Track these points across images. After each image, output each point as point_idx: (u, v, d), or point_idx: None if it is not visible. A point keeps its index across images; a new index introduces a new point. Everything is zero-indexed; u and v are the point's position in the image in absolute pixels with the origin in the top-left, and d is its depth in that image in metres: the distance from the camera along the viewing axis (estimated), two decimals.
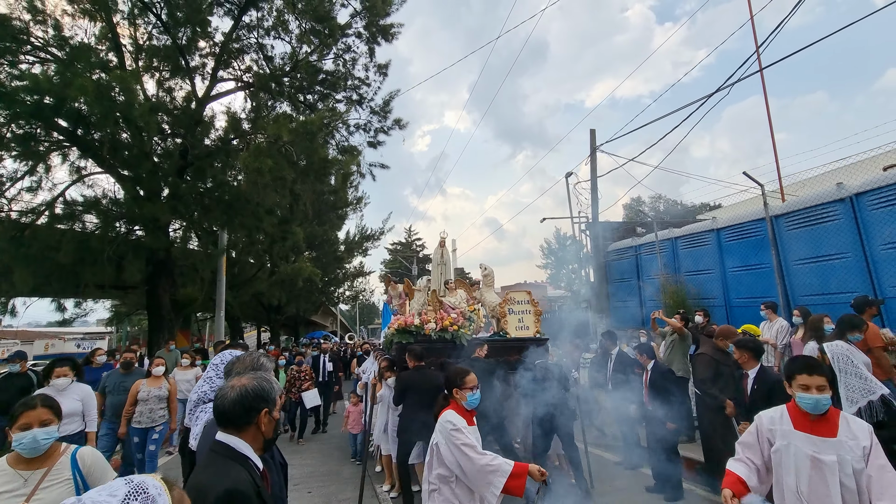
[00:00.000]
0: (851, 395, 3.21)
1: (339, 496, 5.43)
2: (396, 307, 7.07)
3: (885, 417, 3.03)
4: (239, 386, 1.58)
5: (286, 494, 2.08)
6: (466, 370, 2.88)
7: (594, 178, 11.92)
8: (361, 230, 25.09)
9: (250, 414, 1.55)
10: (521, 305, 6.07)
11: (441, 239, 7.04)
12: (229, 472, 1.42)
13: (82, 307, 14.02)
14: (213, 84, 11.33)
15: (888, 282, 6.29)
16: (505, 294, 6.22)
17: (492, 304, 6.11)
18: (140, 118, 7.58)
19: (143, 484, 0.72)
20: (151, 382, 5.62)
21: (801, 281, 7.40)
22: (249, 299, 18.01)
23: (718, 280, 8.90)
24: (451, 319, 5.48)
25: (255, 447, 1.54)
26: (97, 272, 9.32)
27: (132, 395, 5.45)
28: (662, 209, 48.17)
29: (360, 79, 12.69)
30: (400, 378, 4.85)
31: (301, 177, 10.09)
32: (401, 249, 55.16)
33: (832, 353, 3.40)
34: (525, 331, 5.93)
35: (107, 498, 0.67)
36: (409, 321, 5.51)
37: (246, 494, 1.38)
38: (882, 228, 6.36)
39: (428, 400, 4.53)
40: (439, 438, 2.67)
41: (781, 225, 7.67)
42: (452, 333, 5.41)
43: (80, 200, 9.89)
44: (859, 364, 3.30)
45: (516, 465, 2.50)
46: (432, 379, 4.84)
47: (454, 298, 6.19)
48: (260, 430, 1.58)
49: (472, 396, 2.79)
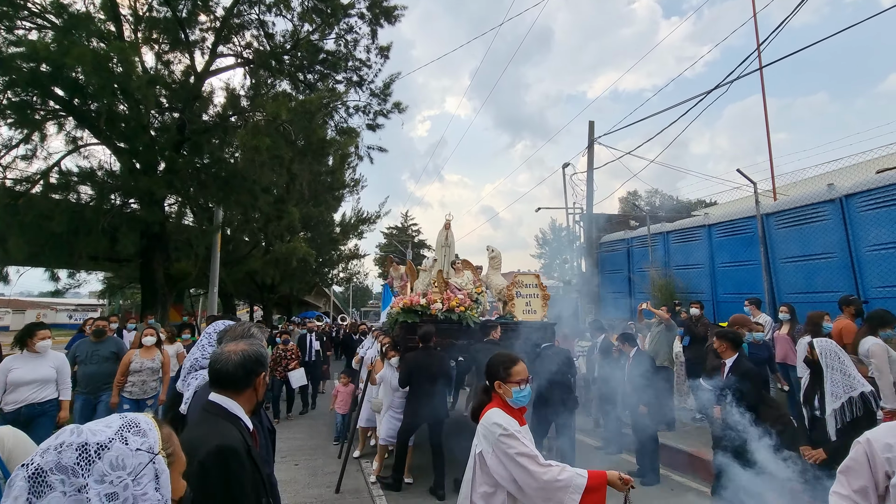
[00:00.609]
0: (835, 391, 3.24)
1: (326, 469, 5.59)
2: (398, 289, 6.97)
3: (861, 414, 3.14)
4: (240, 350, 1.66)
5: (273, 459, 2.18)
6: (514, 358, 2.28)
7: (590, 169, 11.97)
8: (358, 213, 25.06)
9: (250, 377, 1.65)
10: (529, 289, 5.95)
11: (446, 221, 6.89)
12: (221, 430, 1.50)
13: (76, 278, 14.05)
14: (212, 59, 11.19)
15: (872, 283, 6.44)
16: (513, 276, 6.09)
17: (499, 286, 6.00)
18: (138, 90, 7.52)
19: (136, 419, 0.79)
20: (144, 353, 5.51)
21: (787, 279, 7.55)
22: (243, 277, 18.03)
23: (707, 275, 9.06)
24: (457, 300, 5.39)
25: (247, 409, 1.63)
26: (91, 243, 9.31)
27: (124, 364, 5.35)
28: (658, 204, 48.35)
29: (361, 60, 12.58)
30: (406, 359, 4.73)
31: (298, 156, 10.07)
32: (397, 234, 55.14)
33: (821, 348, 3.41)
34: (532, 315, 5.83)
35: (103, 428, 0.74)
36: (414, 300, 5.39)
37: (237, 450, 1.46)
38: (869, 230, 6.49)
39: (435, 382, 4.63)
40: (484, 446, 2.09)
41: (771, 223, 7.79)
42: (459, 314, 5.32)
43: (76, 171, 9.85)
44: (846, 361, 3.37)
45: (591, 476, 1.93)
46: (440, 360, 4.76)
47: (461, 279, 6.02)
48: (255, 393, 1.68)
49: (520, 393, 2.17)
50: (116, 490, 0.70)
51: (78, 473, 0.68)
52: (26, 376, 4.25)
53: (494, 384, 2.24)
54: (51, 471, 0.68)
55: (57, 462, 0.69)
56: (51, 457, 0.69)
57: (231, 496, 1.41)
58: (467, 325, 5.31)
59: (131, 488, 0.71)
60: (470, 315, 5.35)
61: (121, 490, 0.70)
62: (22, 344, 4.39)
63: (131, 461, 0.73)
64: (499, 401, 2.21)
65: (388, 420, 5.05)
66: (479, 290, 5.99)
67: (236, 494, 1.42)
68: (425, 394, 4.56)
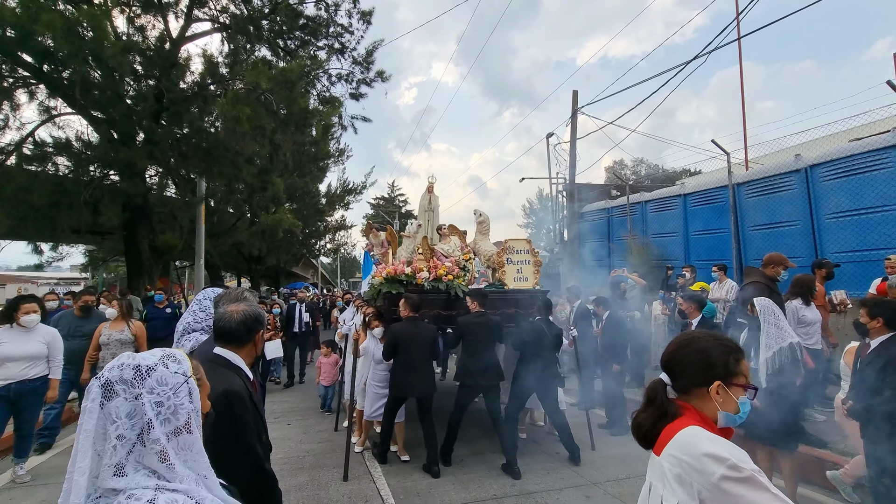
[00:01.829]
0: (769, 342, 3.66)
1: (317, 427, 5.93)
2: (378, 256, 6.67)
3: (788, 361, 3.55)
4: (241, 310, 1.90)
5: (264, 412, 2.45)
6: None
7: (573, 140, 12.10)
8: (343, 183, 24.92)
9: (251, 333, 1.89)
10: (519, 255, 5.63)
11: (429, 184, 6.51)
12: (227, 377, 1.74)
13: (58, 251, 13.94)
14: (188, 24, 10.84)
15: (830, 248, 6.84)
16: (503, 242, 5.76)
17: (488, 253, 5.69)
18: (112, 58, 7.34)
19: (173, 352, 1.05)
20: (113, 325, 5.19)
21: (754, 245, 7.94)
22: (229, 249, 18.05)
23: (681, 243, 9.43)
24: (445, 268, 5.09)
25: (247, 361, 1.89)
26: (73, 216, 9.26)
27: (95, 338, 5.11)
28: (644, 173, 48.73)
29: (342, 26, 12.27)
30: (392, 331, 4.49)
31: (281, 126, 9.98)
32: (384, 204, 54.85)
33: (760, 306, 3.84)
34: (524, 282, 5.56)
35: (150, 356, 0.99)
36: (399, 269, 5.08)
37: (241, 394, 1.72)
38: (830, 199, 6.83)
39: (421, 355, 4.46)
40: (678, 494, 1.21)
41: (742, 192, 8.11)
42: (447, 284, 5.02)
43: (51, 142, 9.65)
44: (780, 316, 3.77)
45: None
46: (427, 332, 4.54)
47: (447, 246, 5.61)
48: (255, 347, 1.93)
49: (747, 405, 1.33)
50: (161, 399, 0.95)
51: (135, 385, 0.93)
52: (15, 352, 4.10)
53: (712, 382, 1.30)
54: (116, 381, 0.93)
55: (120, 376, 0.93)
56: (115, 372, 0.94)
57: (237, 432, 1.67)
58: (455, 295, 5.04)
59: (172, 399, 0.96)
60: (458, 284, 5.07)
61: (165, 399, 0.95)
62: (9, 318, 4.18)
63: (172, 380, 0.98)
64: (695, 415, 1.30)
65: (371, 395, 4.86)
66: (466, 258, 5.65)
67: (242, 430, 1.68)
68: (411, 367, 4.40)
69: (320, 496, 3.98)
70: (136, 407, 0.91)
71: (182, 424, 0.95)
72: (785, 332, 3.65)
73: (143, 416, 0.90)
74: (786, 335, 3.63)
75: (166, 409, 0.94)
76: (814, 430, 4.76)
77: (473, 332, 4.55)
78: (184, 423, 0.96)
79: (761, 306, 3.83)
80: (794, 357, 3.52)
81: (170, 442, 0.92)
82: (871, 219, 6.29)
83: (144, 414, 0.90)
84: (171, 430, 0.93)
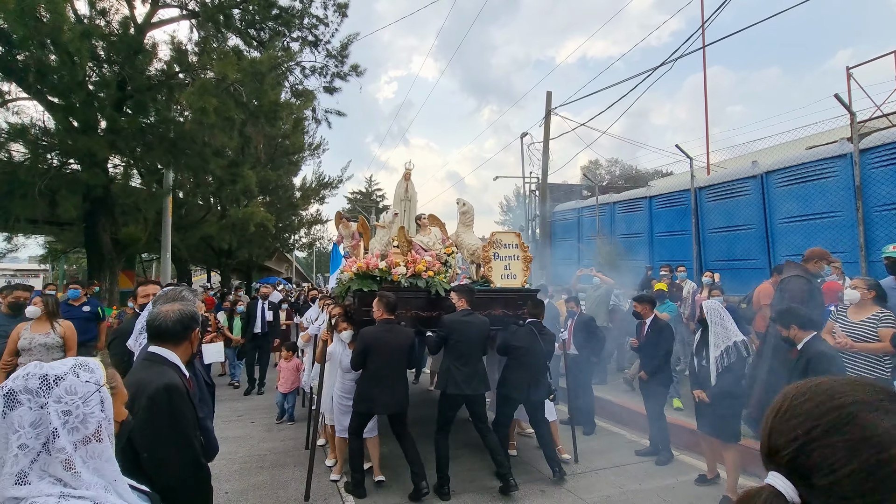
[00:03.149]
0: (716, 341, 3.90)
1: (281, 426, 5.89)
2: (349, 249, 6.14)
3: (735, 359, 3.77)
4: (177, 309, 1.94)
5: (213, 408, 2.46)
6: None
7: (546, 140, 12.27)
8: (319, 177, 24.57)
9: (186, 331, 1.93)
10: (508, 249, 5.10)
11: (406, 170, 6.05)
12: (165, 373, 1.78)
13: (12, 242, 13.32)
14: (154, 9, 10.47)
15: (781, 252, 7.17)
16: (490, 235, 5.23)
17: (472, 246, 5.09)
18: (70, 43, 7.05)
19: (86, 360, 1.06)
20: (36, 327, 4.36)
21: (713, 247, 8.26)
22: (198, 242, 17.59)
23: (646, 243, 9.72)
24: (425, 263, 4.56)
25: (183, 359, 1.92)
26: (27, 206, 8.87)
27: (11, 341, 4.27)
28: (618, 173, 49.82)
29: (317, 17, 12.07)
30: (363, 336, 3.88)
31: (251, 119, 9.78)
32: (361, 199, 54.36)
33: (707, 308, 4.06)
34: (512, 280, 5.02)
35: (60, 365, 0.99)
36: (372, 264, 4.50)
37: (180, 388, 1.76)
38: (783, 204, 7.16)
39: (396, 363, 3.90)
40: None
41: (703, 196, 8.41)
42: (427, 280, 4.48)
43: (5, 127, 9.19)
44: (725, 317, 3.99)
45: None
46: (402, 337, 3.95)
47: (427, 238, 5.08)
48: (191, 345, 1.97)
49: None
50: (70, 408, 0.95)
51: (41, 395, 0.93)
52: None
53: None
54: (20, 391, 0.92)
55: (24, 385, 0.93)
56: (20, 382, 0.94)
57: (176, 424, 1.71)
58: (437, 294, 4.47)
59: (81, 408, 0.97)
60: (439, 281, 4.53)
61: (73, 408, 0.96)
62: None
63: (82, 389, 0.98)
64: None
65: (339, 407, 4.24)
66: (449, 251, 5.14)
67: (181, 422, 1.72)
68: (382, 378, 3.82)
69: (279, 495, 3.98)
70: (42, 416, 0.91)
71: (91, 433, 0.96)
72: (730, 332, 3.88)
73: (49, 425, 0.91)
74: (731, 334, 3.87)
75: (74, 417, 0.94)
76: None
77: (461, 332, 4.03)
78: (93, 431, 0.97)
79: (707, 308, 4.04)
80: (740, 354, 3.75)
81: (77, 450, 0.93)
82: (819, 224, 6.63)
83: (50, 423, 0.91)
84: (80, 438, 0.94)
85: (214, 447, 2.22)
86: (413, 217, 5.92)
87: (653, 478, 4.29)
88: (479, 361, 4.16)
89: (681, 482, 4.18)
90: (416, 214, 5.68)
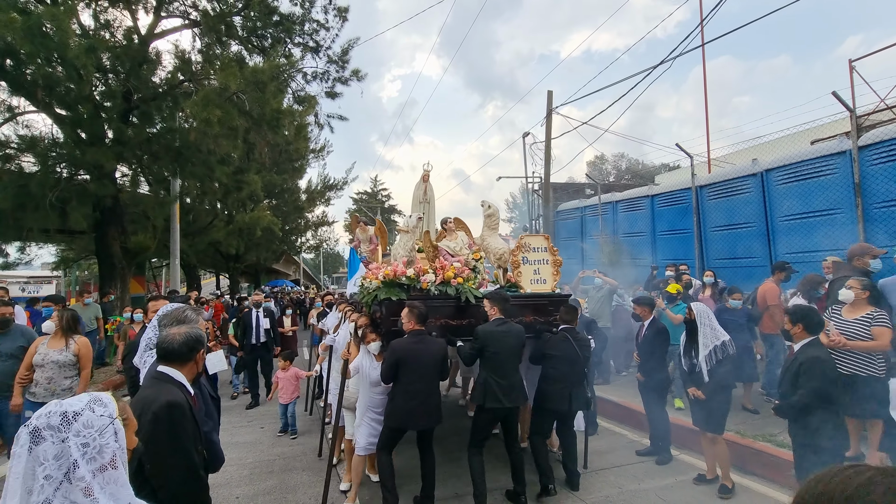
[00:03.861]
0: (705, 341, 4.05)
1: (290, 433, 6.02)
2: (366, 253, 5.99)
3: (723, 356, 3.93)
4: (183, 332, 2.13)
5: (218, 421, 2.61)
6: None
7: (548, 140, 12.31)
8: (324, 179, 24.79)
9: (192, 353, 2.10)
10: (537, 253, 4.90)
11: (425, 172, 5.80)
12: (170, 391, 1.94)
13: (26, 252, 13.60)
14: (157, 20, 10.65)
15: (782, 249, 7.19)
16: (519, 238, 5.09)
17: (498, 250, 4.91)
18: (76, 59, 7.22)
19: (100, 395, 1.18)
20: (52, 343, 4.26)
21: (714, 246, 8.28)
22: (206, 247, 17.85)
23: (649, 242, 9.74)
24: (454, 270, 4.38)
25: (188, 378, 2.07)
26: (39, 218, 9.09)
27: (28, 357, 4.21)
28: (624, 168, 49.59)
29: (318, 21, 12.18)
30: (393, 348, 3.70)
31: (254, 127, 9.93)
32: (366, 199, 54.60)
33: (696, 310, 4.17)
34: (542, 285, 4.81)
35: (77, 402, 1.12)
36: (399, 271, 4.33)
37: (182, 406, 1.91)
38: (783, 202, 7.17)
39: (429, 376, 3.74)
40: None
41: (704, 195, 8.43)
42: (457, 288, 4.28)
43: (14, 140, 9.40)
44: (712, 317, 4.15)
45: None
46: (435, 349, 3.79)
47: (454, 243, 4.84)
48: (196, 365, 2.13)
49: None
50: (88, 440, 1.08)
51: (61, 430, 1.06)
52: None
53: None
54: (44, 428, 1.05)
55: (47, 423, 1.06)
56: (43, 420, 1.07)
57: (176, 438, 1.86)
58: (466, 301, 4.26)
59: (98, 439, 1.09)
60: (469, 288, 4.32)
61: (91, 440, 1.08)
62: None
63: (97, 423, 1.11)
64: None
65: (368, 425, 4.00)
66: (477, 256, 4.89)
67: (181, 437, 1.88)
68: (416, 392, 3.65)
69: (288, 499, 4.11)
70: (63, 449, 1.03)
71: (107, 461, 1.08)
72: (718, 332, 4.06)
73: (70, 457, 1.03)
74: (718, 334, 4.04)
75: (92, 448, 1.06)
76: (759, 423, 5.10)
77: (497, 343, 3.85)
78: (109, 460, 1.09)
79: (697, 310, 4.13)
80: (726, 352, 3.91)
81: (95, 478, 1.05)
82: (818, 221, 6.64)
83: (70, 455, 1.03)
84: (97, 467, 1.06)
85: (220, 458, 2.37)
86: (432, 220, 5.71)
87: (652, 477, 4.36)
88: (515, 372, 3.99)
89: (679, 482, 4.25)
90: (443, 218, 5.40)
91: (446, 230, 5.09)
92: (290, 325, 9.05)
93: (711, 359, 3.89)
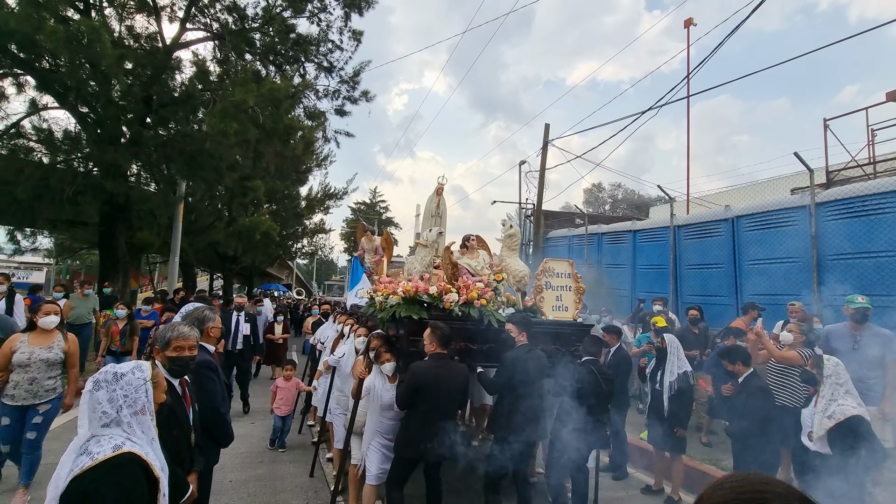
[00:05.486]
0: (672, 369, 4.56)
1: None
2: (370, 264, 5.78)
3: (684, 385, 4.45)
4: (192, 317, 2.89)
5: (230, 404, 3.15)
6: None
7: (542, 171, 12.98)
8: (325, 188, 25.32)
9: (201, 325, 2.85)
10: (560, 279, 4.71)
11: (438, 185, 5.65)
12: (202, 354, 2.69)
13: (29, 240, 13.98)
14: (182, 30, 11.29)
15: (748, 290, 7.78)
16: (543, 262, 4.92)
17: (518, 272, 4.61)
18: (108, 68, 7.78)
19: (141, 363, 1.72)
20: (36, 339, 3.82)
21: (688, 282, 8.87)
22: (206, 247, 18.24)
23: (629, 275, 10.33)
24: (478, 290, 4.11)
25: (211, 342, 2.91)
26: (55, 210, 9.53)
27: (4, 354, 3.69)
28: (620, 197, 50.76)
29: (333, 42, 12.89)
30: (414, 372, 3.41)
31: (265, 139, 10.49)
32: (364, 210, 55.21)
33: (668, 340, 4.68)
34: (563, 312, 4.64)
35: (125, 366, 1.66)
36: (421, 288, 4.05)
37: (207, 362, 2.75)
38: (750, 247, 7.80)
39: (449, 404, 3.50)
40: None
41: (681, 234, 9.06)
42: (480, 309, 3.99)
43: (32, 132, 9.88)
44: (680, 348, 4.67)
45: None
46: (457, 374, 3.52)
47: (475, 262, 4.54)
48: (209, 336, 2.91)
49: None
50: (128, 393, 1.60)
51: (112, 384, 1.59)
52: None
53: None
54: (101, 381, 1.58)
55: (104, 378, 1.59)
56: (102, 375, 1.59)
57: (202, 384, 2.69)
58: (488, 324, 3.97)
59: (134, 394, 1.61)
60: (492, 310, 4.08)
61: (131, 392, 1.61)
62: None
63: (135, 382, 1.64)
64: None
65: (379, 451, 3.63)
66: (499, 277, 4.61)
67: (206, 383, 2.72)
68: (434, 421, 3.36)
69: (276, 486, 4.53)
70: (113, 395, 1.58)
71: (139, 409, 1.62)
72: (682, 362, 4.56)
73: (117, 402, 1.58)
74: (683, 364, 4.53)
75: (131, 399, 1.61)
76: (708, 450, 5.60)
77: (525, 372, 3.58)
78: (141, 408, 1.63)
79: (669, 341, 4.66)
80: (687, 381, 4.45)
81: (133, 417, 1.60)
82: (780, 267, 7.25)
83: (118, 400, 1.58)
84: (133, 411, 1.61)
85: (230, 435, 2.87)
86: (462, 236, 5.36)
87: (607, 490, 4.83)
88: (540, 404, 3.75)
89: (630, 495, 4.73)
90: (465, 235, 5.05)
91: (468, 248, 4.76)
92: (282, 333, 8.97)
93: (672, 386, 4.41)
